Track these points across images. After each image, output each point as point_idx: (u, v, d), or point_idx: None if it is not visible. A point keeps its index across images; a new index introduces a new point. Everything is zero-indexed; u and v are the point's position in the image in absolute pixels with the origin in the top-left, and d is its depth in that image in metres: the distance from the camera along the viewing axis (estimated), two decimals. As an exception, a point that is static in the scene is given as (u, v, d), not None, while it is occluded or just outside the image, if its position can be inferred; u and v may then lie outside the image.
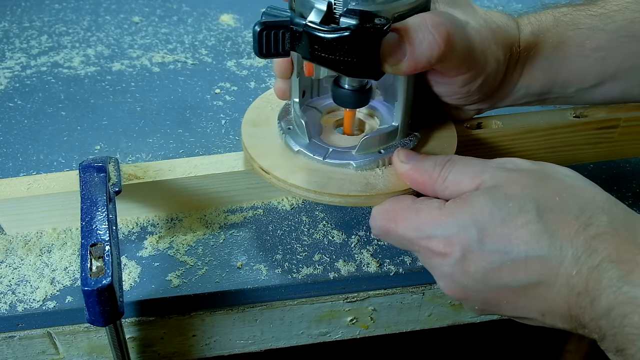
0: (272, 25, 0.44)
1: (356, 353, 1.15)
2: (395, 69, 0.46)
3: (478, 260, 0.42)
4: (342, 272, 0.55)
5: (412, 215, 0.45)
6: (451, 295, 0.45)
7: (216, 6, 0.95)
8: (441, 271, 0.44)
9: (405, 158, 0.49)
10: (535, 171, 0.44)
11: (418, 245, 0.45)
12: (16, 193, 0.55)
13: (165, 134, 0.70)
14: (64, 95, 0.76)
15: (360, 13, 0.43)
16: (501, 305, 0.43)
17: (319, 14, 0.44)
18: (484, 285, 0.42)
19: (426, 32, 0.45)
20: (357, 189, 0.50)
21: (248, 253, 0.56)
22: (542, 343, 1.15)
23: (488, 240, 0.41)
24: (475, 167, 0.45)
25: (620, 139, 0.63)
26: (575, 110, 0.61)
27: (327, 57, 0.43)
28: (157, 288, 0.53)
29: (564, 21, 0.54)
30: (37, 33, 0.87)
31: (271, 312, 0.56)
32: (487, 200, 0.42)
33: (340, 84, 0.51)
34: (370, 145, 0.52)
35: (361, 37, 0.42)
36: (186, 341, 0.57)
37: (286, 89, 0.54)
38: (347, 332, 0.60)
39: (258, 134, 0.55)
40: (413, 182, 0.48)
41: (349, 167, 0.51)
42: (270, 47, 0.45)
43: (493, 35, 0.50)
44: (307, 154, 0.52)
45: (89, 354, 0.56)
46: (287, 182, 0.50)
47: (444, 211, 0.44)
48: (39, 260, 0.55)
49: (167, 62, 0.82)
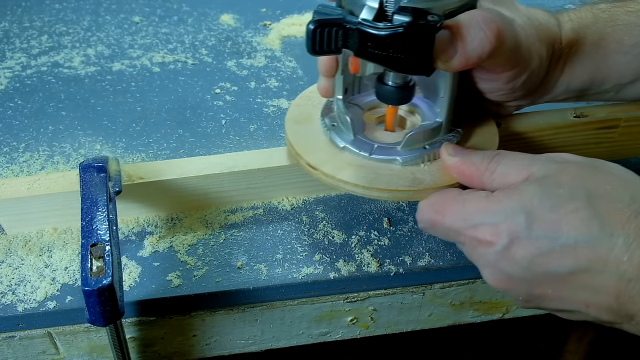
0: (326, 23, 0.45)
1: (356, 353, 1.15)
2: (446, 65, 0.47)
3: (525, 246, 0.42)
4: (343, 272, 0.55)
5: (459, 206, 0.45)
6: (495, 285, 0.45)
7: (216, 6, 0.95)
8: (486, 260, 0.44)
9: (453, 151, 0.50)
10: (584, 163, 0.44)
11: (464, 236, 0.45)
12: (16, 193, 0.55)
13: (166, 134, 0.70)
14: (64, 95, 0.76)
15: (413, 10, 0.43)
16: (546, 295, 0.43)
17: (371, 12, 0.45)
18: (530, 272, 0.42)
19: (477, 29, 0.46)
20: (405, 184, 0.50)
21: (248, 253, 0.56)
22: (542, 343, 1.15)
23: (536, 226, 0.41)
24: (524, 160, 0.45)
25: (621, 139, 0.63)
26: (575, 110, 0.61)
27: (379, 54, 0.44)
28: (158, 288, 0.53)
29: (602, 18, 0.54)
30: (37, 33, 0.87)
31: (271, 312, 0.56)
32: (536, 188, 0.42)
33: (385, 81, 0.51)
34: (416, 141, 0.52)
35: (415, 34, 0.43)
36: (186, 341, 0.57)
37: (330, 87, 0.55)
38: (347, 332, 0.60)
39: (302, 131, 0.56)
40: (461, 174, 0.49)
41: (395, 162, 0.52)
42: (324, 44, 0.45)
43: (536, 32, 0.51)
44: (352, 150, 0.53)
45: (89, 354, 0.56)
46: (336, 177, 0.51)
47: (491, 200, 0.44)
48: (39, 260, 0.55)
49: (167, 62, 0.82)
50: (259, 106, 0.74)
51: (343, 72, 0.53)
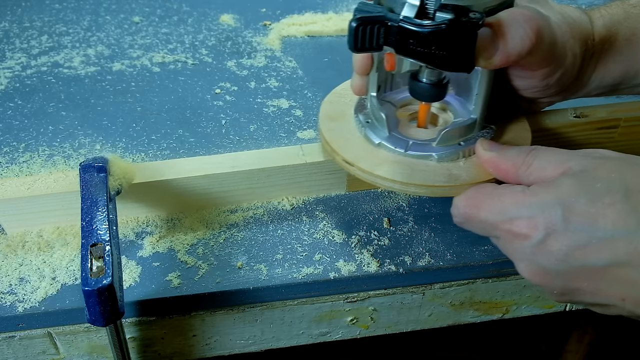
0: (368, 21, 0.45)
1: (356, 353, 1.15)
2: (487, 62, 0.47)
3: (562, 239, 0.42)
4: (343, 272, 0.55)
5: (495, 200, 0.46)
6: (531, 279, 0.45)
7: (216, 6, 0.95)
8: (522, 253, 0.44)
9: (489, 147, 0.50)
10: (622, 159, 0.45)
11: (500, 229, 0.45)
12: (16, 193, 0.55)
13: (166, 134, 0.70)
14: (64, 95, 0.76)
15: (455, 8, 0.44)
16: (581, 288, 0.43)
17: (413, 9, 0.45)
18: (566, 265, 0.42)
19: (518, 27, 0.47)
20: (441, 180, 0.51)
21: (248, 253, 0.56)
22: (543, 343, 1.15)
23: (573, 219, 0.41)
24: (561, 154, 0.46)
25: (621, 139, 0.63)
26: (575, 110, 0.61)
27: (421, 51, 0.45)
28: (158, 288, 0.53)
29: (633, 14, 0.55)
30: (37, 33, 0.87)
31: (271, 312, 0.56)
32: (574, 181, 0.42)
33: (419, 78, 0.52)
34: (451, 137, 0.53)
35: (458, 31, 0.44)
36: (186, 341, 0.57)
37: (364, 84, 0.55)
38: (347, 332, 0.60)
39: (336, 128, 0.56)
40: (496, 169, 0.49)
41: (431, 158, 0.52)
42: (365, 41, 0.46)
43: (570, 30, 0.52)
44: (388, 146, 0.53)
45: (90, 354, 0.56)
46: (373, 173, 0.51)
47: (528, 193, 0.44)
48: (39, 260, 0.55)
49: (167, 62, 0.82)
50: (259, 106, 0.74)
51: (378, 69, 0.54)
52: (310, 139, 0.69)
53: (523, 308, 0.62)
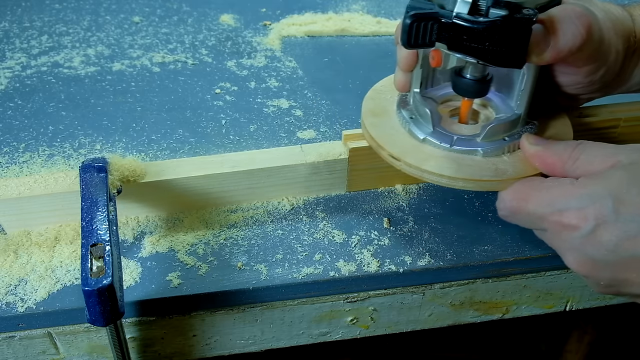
0: (422, 17, 0.46)
1: (356, 353, 1.15)
2: (539, 58, 0.48)
3: (612, 230, 0.42)
4: (343, 272, 0.55)
5: (543, 193, 0.46)
6: (578, 270, 0.45)
7: (216, 6, 0.95)
8: (571, 244, 0.44)
9: (535, 141, 0.51)
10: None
11: (548, 221, 0.45)
12: (16, 193, 0.55)
13: (166, 134, 0.70)
14: (64, 95, 0.76)
15: (508, 4, 0.45)
16: (629, 279, 0.43)
17: (466, 5, 0.46)
18: (616, 256, 0.42)
19: (570, 23, 0.47)
20: (488, 174, 0.51)
21: (248, 253, 0.56)
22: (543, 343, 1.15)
23: (624, 210, 0.42)
24: (609, 148, 0.46)
25: (621, 139, 0.63)
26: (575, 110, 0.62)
27: (474, 47, 0.45)
28: (158, 288, 0.53)
29: None
30: (37, 33, 0.87)
31: (271, 312, 0.56)
32: (624, 173, 0.43)
33: (463, 74, 0.52)
34: (495, 132, 0.53)
35: (513, 27, 0.44)
36: (186, 341, 0.57)
37: (407, 81, 0.56)
38: (347, 332, 0.60)
39: (380, 124, 0.57)
40: (543, 163, 0.50)
41: (476, 154, 0.53)
42: (419, 38, 0.46)
43: (613, 27, 0.52)
44: (433, 141, 0.54)
45: (89, 354, 0.56)
46: (421, 168, 0.52)
47: (577, 185, 0.44)
48: (39, 260, 0.55)
49: (167, 62, 0.82)
50: (259, 106, 0.74)
51: (421, 66, 0.54)
52: (310, 139, 0.69)
53: (523, 308, 0.62)
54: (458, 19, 0.45)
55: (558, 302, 0.62)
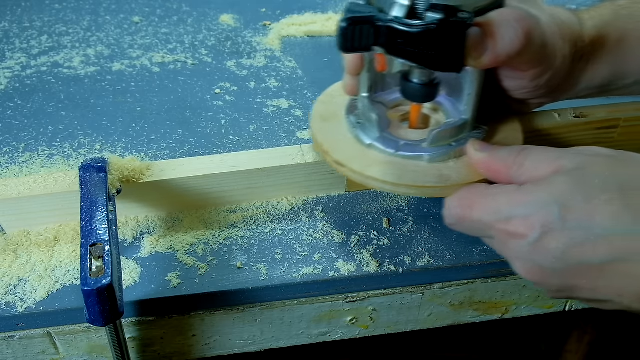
0: (358, 21, 0.45)
1: (356, 353, 1.15)
2: (477, 62, 0.47)
3: (559, 237, 0.41)
4: (342, 272, 0.55)
5: (488, 200, 0.45)
6: (528, 277, 0.45)
7: (216, 6, 0.95)
8: (519, 252, 0.44)
9: (480, 147, 0.50)
10: (615, 156, 0.44)
11: (495, 229, 0.45)
12: (16, 193, 0.55)
13: (166, 134, 0.70)
14: (64, 95, 0.76)
15: (445, 8, 0.44)
16: (578, 286, 0.43)
17: (402, 9, 0.45)
18: (563, 263, 0.42)
19: (509, 27, 0.46)
20: (432, 181, 0.51)
21: (248, 253, 0.56)
22: (543, 343, 1.15)
23: (570, 217, 0.41)
24: (553, 153, 0.46)
25: (620, 139, 0.63)
26: (575, 110, 0.61)
27: (411, 51, 0.45)
28: (157, 288, 0.53)
29: (623, 15, 0.55)
30: (37, 33, 0.87)
31: (271, 312, 0.56)
32: (568, 179, 0.42)
33: (410, 79, 0.52)
34: (442, 138, 0.52)
35: (448, 31, 0.44)
36: (186, 341, 0.57)
37: (355, 85, 0.55)
38: (347, 332, 0.60)
39: (328, 128, 0.56)
40: (488, 170, 0.49)
41: (422, 159, 0.52)
42: (355, 42, 0.46)
43: (560, 31, 0.51)
44: (379, 147, 0.53)
45: (89, 354, 0.56)
46: (364, 174, 0.51)
47: (522, 192, 0.44)
48: (38, 260, 0.55)
49: (167, 62, 0.82)
50: (259, 106, 0.74)
51: (369, 70, 0.54)
52: (310, 139, 0.69)
53: (523, 308, 0.62)
54: (393, 22, 0.45)
55: (557, 302, 0.62)
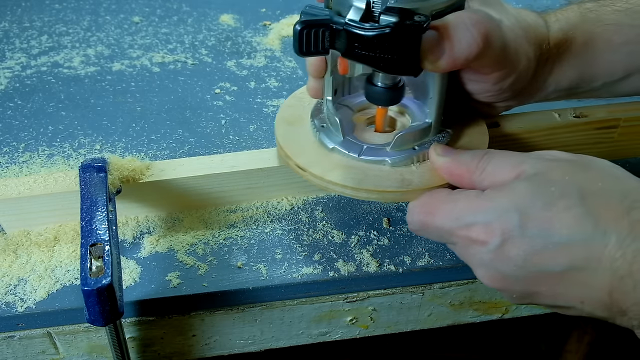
0: (313, 24, 0.45)
1: (356, 353, 1.15)
2: (434, 66, 0.46)
3: (519, 245, 0.41)
4: (342, 272, 0.55)
5: (450, 206, 0.45)
6: (490, 284, 0.45)
7: (216, 6, 0.95)
8: (480, 259, 0.44)
9: (442, 152, 0.49)
10: (575, 161, 0.44)
11: (456, 236, 0.44)
12: (16, 193, 0.55)
13: (165, 134, 0.70)
14: (64, 95, 0.76)
15: (400, 10, 0.43)
16: (540, 292, 0.43)
17: (358, 12, 0.45)
18: (524, 271, 0.42)
19: (465, 30, 0.46)
20: (393, 185, 0.50)
21: (248, 253, 0.56)
22: (542, 343, 1.15)
23: (530, 224, 0.41)
24: (515, 157, 0.45)
25: (620, 139, 0.63)
26: (575, 110, 0.61)
27: (367, 55, 0.44)
28: (157, 288, 0.53)
29: (590, 18, 0.54)
30: (37, 33, 0.87)
31: (271, 312, 0.56)
32: (528, 185, 0.42)
33: (374, 82, 0.51)
34: (405, 142, 0.52)
35: (402, 34, 0.43)
36: (186, 341, 0.57)
37: (319, 87, 0.54)
38: (347, 332, 0.60)
39: (292, 132, 0.56)
40: (450, 174, 0.48)
41: (384, 163, 0.52)
42: (310, 45, 0.45)
43: (524, 34, 0.51)
44: (342, 151, 0.53)
45: (89, 354, 0.56)
46: (324, 179, 0.51)
47: (483, 198, 0.44)
48: (38, 260, 0.55)
49: (167, 62, 0.82)
50: (259, 106, 0.74)
51: (332, 73, 0.53)
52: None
53: (522, 308, 0.62)
54: (349, 26, 0.44)
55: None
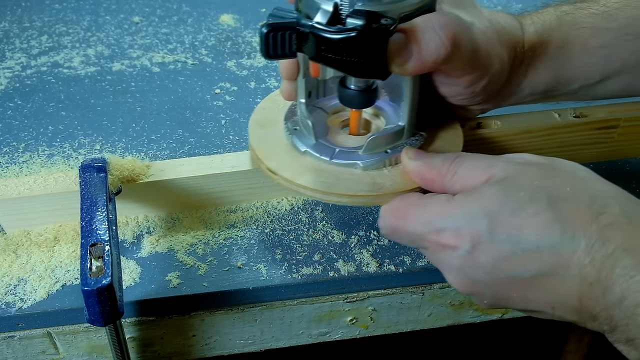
0: (279, 27, 0.44)
1: (356, 353, 1.15)
2: (401, 69, 0.46)
3: (488, 251, 0.41)
4: (342, 272, 0.55)
5: (420, 211, 0.45)
6: (460, 289, 0.45)
7: (216, 6, 0.95)
8: (450, 264, 0.44)
9: (414, 155, 0.49)
10: (544, 164, 0.44)
11: (427, 241, 0.44)
12: (16, 193, 0.55)
13: (166, 134, 0.70)
14: (64, 95, 0.76)
15: (367, 13, 0.43)
16: (511, 298, 0.43)
17: (326, 15, 0.44)
18: (493, 277, 0.42)
19: (433, 33, 0.45)
20: (364, 189, 0.50)
21: (248, 253, 0.56)
22: (542, 343, 1.15)
23: (498, 230, 0.41)
24: (485, 161, 0.45)
25: (620, 139, 0.63)
26: (575, 110, 0.61)
27: (333, 58, 0.44)
28: (157, 288, 0.53)
29: (566, 20, 0.54)
30: (37, 33, 0.87)
31: (271, 312, 0.56)
32: (497, 190, 0.42)
33: (347, 85, 0.51)
34: (377, 145, 0.52)
35: (368, 38, 0.42)
36: (186, 341, 0.57)
37: (292, 90, 0.54)
38: (347, 332, 0.60)
39: (265, 135, 0.55)
40: (422, 178, 0.48)
41: (356, 167, 0.51)
42: (277, 48, 0.45)
43: (498, 36, 0.50)
44: (313, 154, 0.52)
45: (89, 354, 0.56)
46: (295, 182, 0.50)
47: (453, 203, 0.43)
48: (38, 260, 0.55)
49: (167, 62, 0.82)
50: (259, 106, 0.74)
51: (305, 75, 0.52)
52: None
53: (523, 308, 0.62)
54: (315, 29, 0.43)
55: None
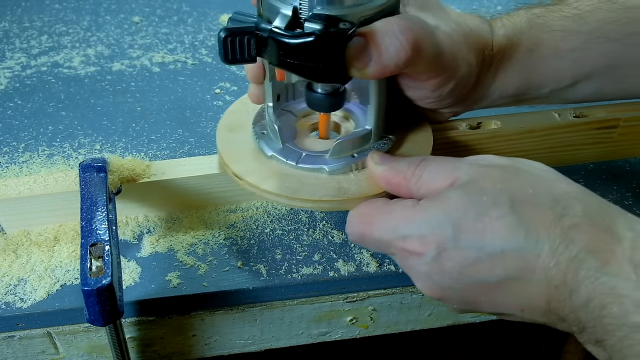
0: (238, 32, 0.43)
1: (356, 353, 1.15)
2: (361, 73, 0.45)
3: (454, 257, 0.41)
4: (342, 272, 0.55)
5: (386, 217, 0.44)
6: (429, 295, 0.44)
7: (216, 6, 0.95)
8: (417, 271, 0.43)
9: (380, 160, 0.48)
10: (507, 166, 0.44)
11: (394, 247, 0.44)
12: (16, 193, 0.55)
13: (166, 134, 0.70)
14: (64, 95, 0.76)
15: (326, 18, 0.42)
16: (480, 302, 0.43)
17: (284, 19, 0.44)
18: (460, 282, 0.42)
19: (393, 37, 0.44)
20: (329, 194, 0.49)
21: (247, 253, 0.56)
22: (543, 343, 1.15)
23: (463, 236, 0.40)
24: (449, 164, 0.45)
25: (620, 139, 0.63)
26: (574, 110, 0.61)
27: (293, 63, 0.43)
28: (157, 288, 0.53)
29: (537, 23, 0.53)
30: (37, 33, 0.87)
31: (271, 312, 0.56)
32: (461, 195, 0.42)
33: (313, 88, 0.50)
34: (344, 149, 0.51)
35: (325, 42, 0.42)
36: (186, 341, 0.57)
37: (260, 93, 0.53)
38: (347, 332, 0.60)
39: (233, 139, 0.54)
40: (387, 183, 0.47)
41: (322, 171, 0.50)
42: (236, 53, 0.44)
43: (465, 39, 0.50)
44: (280, 158, 0.51)
45: (89, 354, 0.56)
46: (259, 187, 0.50)
47: (418, 209, 0.43)
48: (38, 260, 0.55)
49: (167, 62, 0.82)
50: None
51: (272, 78, 0.51)
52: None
53: (522, 308, 0.62)
54: (273, 33, 0.43)
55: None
